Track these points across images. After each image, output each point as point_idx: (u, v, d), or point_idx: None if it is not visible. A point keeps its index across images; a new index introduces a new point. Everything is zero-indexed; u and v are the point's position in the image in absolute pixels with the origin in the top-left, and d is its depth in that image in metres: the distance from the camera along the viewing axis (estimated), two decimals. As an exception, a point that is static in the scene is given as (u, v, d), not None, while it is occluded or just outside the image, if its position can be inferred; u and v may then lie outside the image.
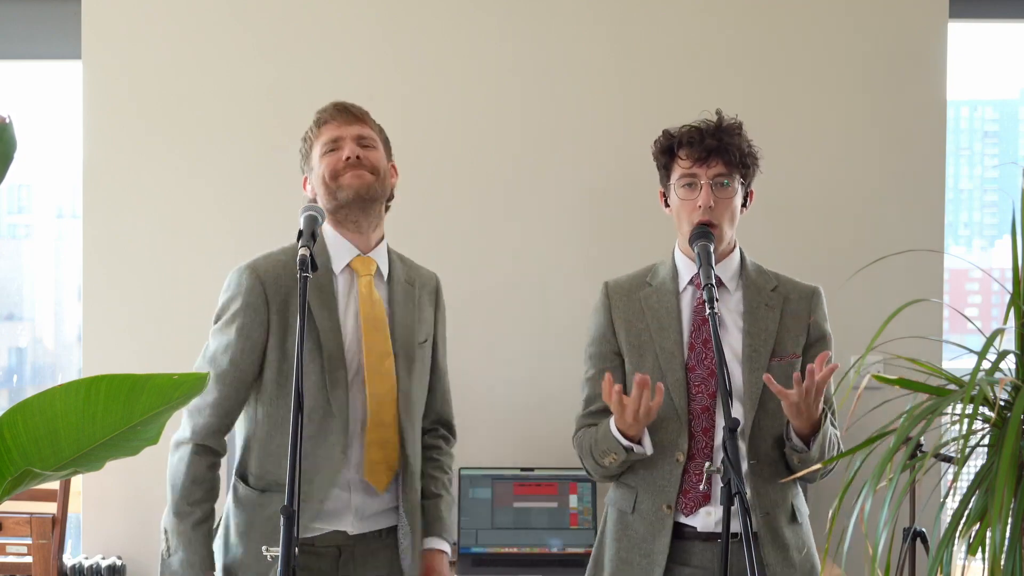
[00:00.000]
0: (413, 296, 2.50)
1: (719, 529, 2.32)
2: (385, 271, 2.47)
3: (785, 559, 2.38)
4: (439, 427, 2.62)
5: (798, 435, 2.32)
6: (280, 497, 2.29)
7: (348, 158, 2.38)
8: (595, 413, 2.47)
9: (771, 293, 2.45)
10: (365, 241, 2.43)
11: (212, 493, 2.37)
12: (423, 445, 2.56)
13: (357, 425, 2.37)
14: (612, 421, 2.32)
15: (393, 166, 2.50)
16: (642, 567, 2.39)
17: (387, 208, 2.50)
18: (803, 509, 2.47)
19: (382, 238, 2.48)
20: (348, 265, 2.41)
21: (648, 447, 2.34)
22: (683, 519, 2.38)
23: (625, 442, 2.31)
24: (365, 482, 2.39)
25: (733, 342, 2.41)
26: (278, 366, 2.35)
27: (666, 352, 2.41)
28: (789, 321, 2.43)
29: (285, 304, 2.34)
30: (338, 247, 2.42)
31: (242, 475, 2.40)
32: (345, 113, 2.45)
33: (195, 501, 2.33)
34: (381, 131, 2.51)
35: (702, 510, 2.37)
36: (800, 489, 2.49)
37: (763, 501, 2.37)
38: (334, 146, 2.41)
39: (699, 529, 2.37)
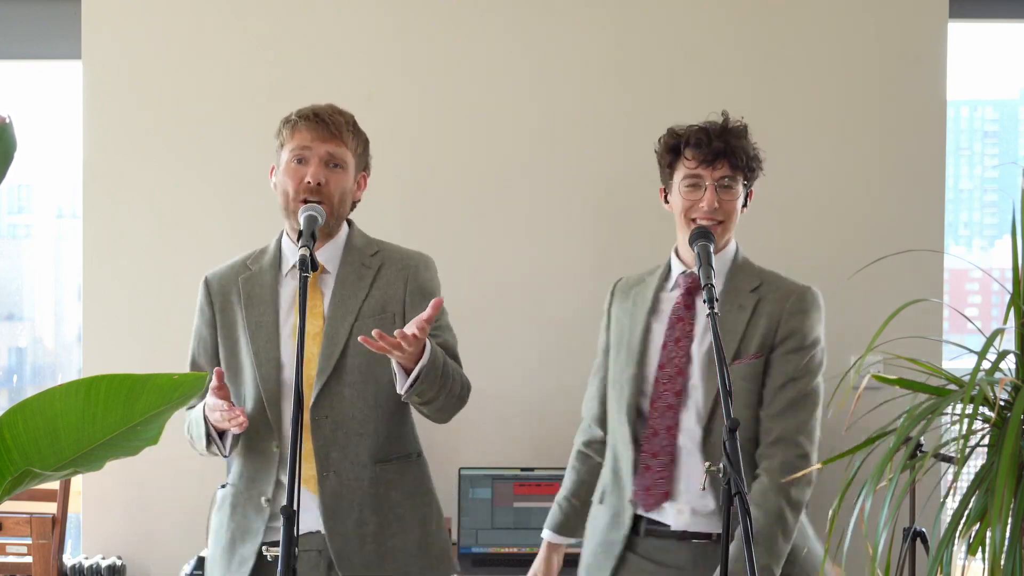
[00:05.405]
0: (367, 276, 2.42)
1: (697, 529, 2.36)
2: (335, 265, 2.43)
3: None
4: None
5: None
6: (231, 492, 2.42)
7: (308, 183, 2.35)
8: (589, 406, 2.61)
9: (749, 293, 2.42)
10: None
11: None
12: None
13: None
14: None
15: (364, 177, 2.47)
16: (599, 558, 2.44)
17: (352, 207, 2.47)
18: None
19: (342, 231, 2.45)
20: (294, 267, 2.39)
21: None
22: (653, 516, 2.39)
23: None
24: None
25: (700, 343, 2.41)
26: (226, 363, 2.43)
27: (631, 348, 2.45)
28: (759, 320, 2.39)
29: (226, 301, 2.45)
30: (290, 249, 2.44)
31: None
32: (322, 127, 2.38)
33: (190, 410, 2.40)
34: (359, 143, 2.45)
35: (669, 507, 2.37)
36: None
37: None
38: (301, 155, 2.37)
39: (672, 528, 2.37)
